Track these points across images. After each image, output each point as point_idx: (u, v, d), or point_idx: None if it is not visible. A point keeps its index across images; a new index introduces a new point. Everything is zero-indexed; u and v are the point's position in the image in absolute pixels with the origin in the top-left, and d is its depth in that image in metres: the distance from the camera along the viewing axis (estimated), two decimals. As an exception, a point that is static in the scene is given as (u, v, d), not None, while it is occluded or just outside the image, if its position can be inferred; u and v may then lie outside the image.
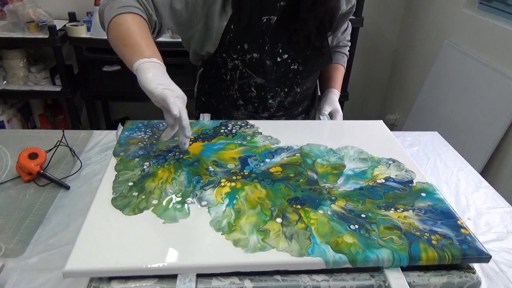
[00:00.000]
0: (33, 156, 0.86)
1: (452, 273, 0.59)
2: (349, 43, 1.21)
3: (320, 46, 0.96)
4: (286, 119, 1.10)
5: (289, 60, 0.95)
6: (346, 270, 0.57)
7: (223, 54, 0.94)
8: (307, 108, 1.15)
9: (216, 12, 0.87)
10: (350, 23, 1.15)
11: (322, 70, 1.18)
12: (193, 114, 1.19)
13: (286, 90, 1.01)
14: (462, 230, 0.62)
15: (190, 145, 0.81)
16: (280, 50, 0.94)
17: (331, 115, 1.06)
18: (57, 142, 0.96)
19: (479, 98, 1.73)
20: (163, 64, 0.75)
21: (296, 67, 0.97)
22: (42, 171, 0.85)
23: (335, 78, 1.14)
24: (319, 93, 1.19)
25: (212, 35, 0.91)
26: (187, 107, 0.75)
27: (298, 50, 0.95)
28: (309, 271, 0.57)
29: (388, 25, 2.49)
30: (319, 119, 1.04)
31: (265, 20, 0.89)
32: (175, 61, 2.00)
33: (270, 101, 1.01)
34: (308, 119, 1.18)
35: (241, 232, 0.58)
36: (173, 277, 0.54)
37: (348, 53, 1.22)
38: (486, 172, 1.68)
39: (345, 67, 1.21)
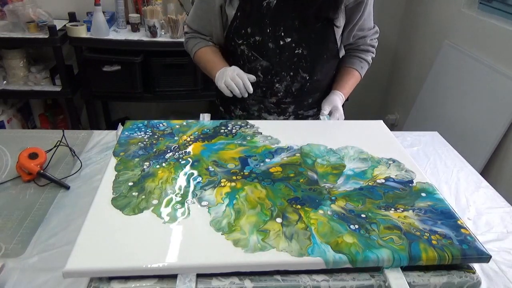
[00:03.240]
0: (33, 156, 0.86)
1: (452, 273, 0.59)
2: (373, 49, 1.14)
3: (332, 18, 0.96)
4: (295, 108, 1.10)
5: (293, 44, 0.99)
6: (346, 270, 0.57)
7: (232, 42, 1.03)
8: (319, 103, 1.12)
9: (225, 6, 1.00)
10: (377, 28, 1.10)
11: (337, 70, 1.15)
12: (215, 102, 1.25)
13: (292, 74, 1.03)
14: (462, 230, 0.62)
15: (190, 144, 0.81)
16: (283, 34, 0.98)
17: (331, 113, 1.05)
18: (57, 142, 0.96)
19: (479, 98, 1.73)
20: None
21: (300, 51, 1.00)
22: (42, 171, 0.85)
23: (343, 82, 1.11)
24: None
25: (223, 26, 1.05)
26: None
27: (301, 33, 0.98)
28: (309, 271, 0.57)
29: (388, 25, 2.49)
30: (319, 119, 1.04)
31: (265, 4, 0.96)
32: (175, 61, 2.00)
33: (277, 85, 1.05)
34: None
35: (241, 232, 0.58)
36: (173, 277, 0.54)
37: (369, 60, 1.15)
38: (486, 172, 1.68)
39: (362, 73, 1.14)
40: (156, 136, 0.84)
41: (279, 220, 0.61)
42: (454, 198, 0.90)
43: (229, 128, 0.89)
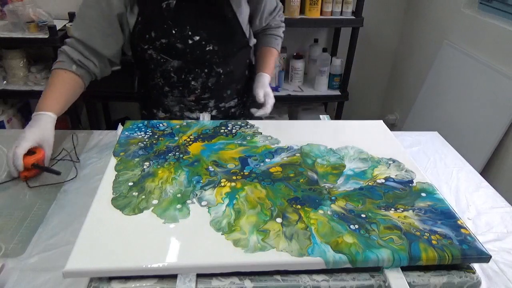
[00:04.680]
0: (31, 153, 0.86)
1: (452, 273, 0.59)
2: (283, 24, 1.20)
3: (234, 12, 0.99)
4: (215, 102, 1.11)
5: (203, 42, 0.99)
6: (346, 270, 0.57)
7: (137, 48, 1.00)
8: (239, 93, 1.16)
9: (127, 14, 0.96)
10: (280, 4, 1.16)
11: (255, 54, 1.19)
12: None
13: (206, 71, 1.04)
14: (462, 230, 0.62)
15: (190, 144, 0.81)
16: (190, 33, 0.97)
17: (263, 104, 1.06)
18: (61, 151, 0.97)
19: (479, 98, 1.73)
20: (52, 115, 0.90)
21: (211, 47, 1.00)
22: (36, 163, 0.85)
23: (266, 62, 1.15)
24: None
25: (127, 34, 1.00)
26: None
27: (209, 30, 0.98)
28: (309, 271, 0.57)
29: (388, 25, 2.48)
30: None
31: (164, 5, 0.94)
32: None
33: (193, 82, 1.05)
34: (244, 107, 1.19)
35: (241, 232, 0.59)
36: (173, 277, 0.54)
37: (282, 35, 1.21)
38: (486, 172, 1.68)
39: (279, 49, 1.20)
40: (156, 136, 0.84)
41: (279, 220, 0.61)
42: (454, 198, 0.90)
43: (229, 128, 0.89)
